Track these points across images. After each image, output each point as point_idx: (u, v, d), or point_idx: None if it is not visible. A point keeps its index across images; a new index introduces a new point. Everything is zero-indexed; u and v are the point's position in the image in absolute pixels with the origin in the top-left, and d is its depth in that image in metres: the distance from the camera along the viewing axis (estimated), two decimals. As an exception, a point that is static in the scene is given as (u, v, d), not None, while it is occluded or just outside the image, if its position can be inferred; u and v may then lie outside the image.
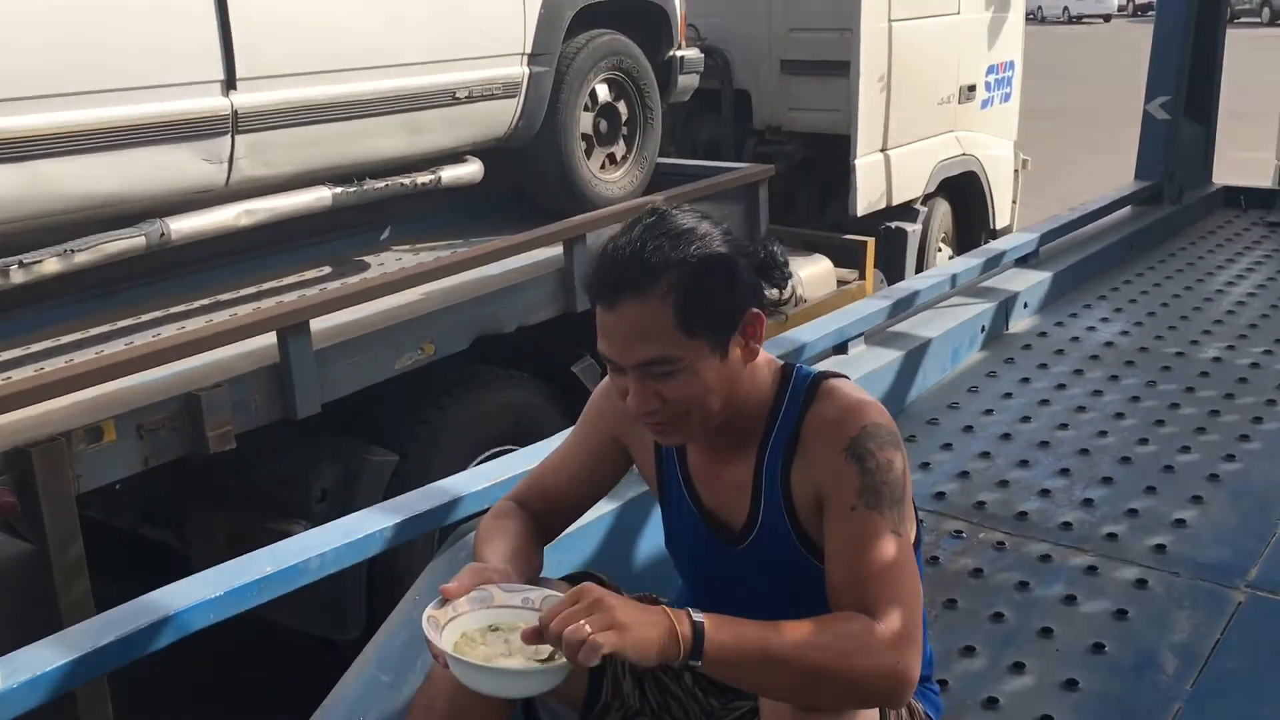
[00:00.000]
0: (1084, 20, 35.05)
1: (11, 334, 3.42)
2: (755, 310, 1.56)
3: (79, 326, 3.52)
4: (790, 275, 1.63)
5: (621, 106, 4.93)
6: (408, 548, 3.26)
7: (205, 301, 3.81)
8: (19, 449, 2.69)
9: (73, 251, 3.18)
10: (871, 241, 6.11)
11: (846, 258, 6.02)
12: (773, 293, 1.60)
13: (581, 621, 1.33)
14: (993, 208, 7.12)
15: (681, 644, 1.37)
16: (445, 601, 1.50)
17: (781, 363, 1.68)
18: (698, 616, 1.39)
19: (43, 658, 1.60)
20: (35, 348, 3.37)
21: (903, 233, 6.34)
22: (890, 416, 1.60)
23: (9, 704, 1.55)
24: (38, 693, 1.57)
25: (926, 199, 6.58)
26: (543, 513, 1.79)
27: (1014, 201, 7.47)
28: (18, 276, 3.07)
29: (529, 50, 4.39)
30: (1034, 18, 41.17)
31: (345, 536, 1.98)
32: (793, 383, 1.64)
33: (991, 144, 7.09)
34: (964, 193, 6.95)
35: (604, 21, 4.73)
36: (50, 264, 3.14)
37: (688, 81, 5.41)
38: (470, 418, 3.86)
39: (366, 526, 2.03)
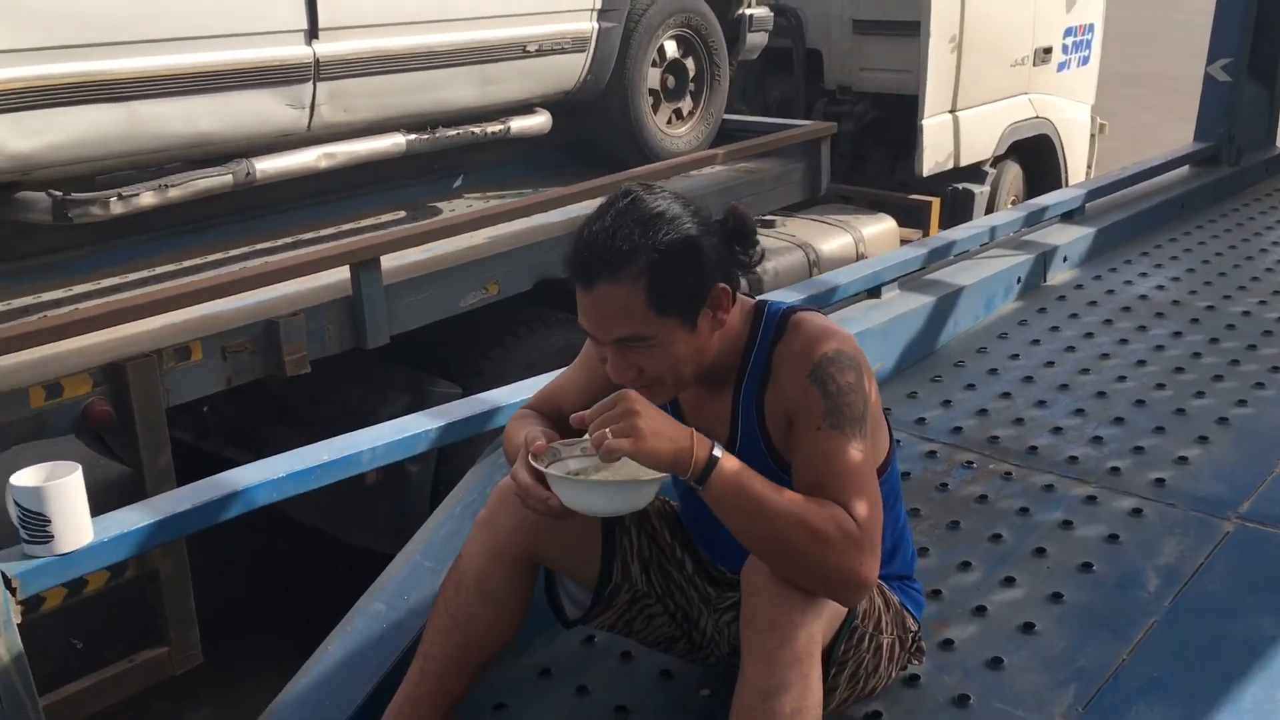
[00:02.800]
0: (1190, -14, 33.93)
1: (112, 263, 3.72)
2: (723, 285, 1.71)
3: (172, 259, 3.80)
4: (758, 241, 1.78)
5: (689, 63, 5.07)
6: (466, 465, 3.51)
7: (288, 240, 4.07)
8: (115, 364, 2.97)
9: (167, 186, 3.46)
10: (936, 201, 6.18)
11: (912, 218, 6.10)
12: (744, 257, 1.75)
13: (605, 429, 1.55)
14: (1066, 172, 7.10)
15: (692, 466, 1.58)
16: (536, 456, 1.70)
17: (755, 301, 1.85)
18: (717, 452, 1.59)
19: (129, 519, 1.86)
20: (132, 276, 3.65)
21: (970, 194, 6.38)
22: (855, 344, 1.77)
23: (101, 555, 1.81)
24: (125, 547, 1.83)
25: (996, 161, 6.60)
26: (556, 421, 1.95)
27: (1089, 166, 7.44)
28: (117, 208, 3.36)
29: (599, 6, 4.56)
30: (1139, -17, 39.98)
31: (395, 434, 2.22)
32: (764, 319, 1.80)
33: (1067, 108, 7.06)
34: (1037, 156, 6.94)
35: (674, -21, 4.88)
36: (146, 197, 3.42)
37: (756, 39, 5.52)
38: (530, 357, 4.06)
39: (414, 426, 2.27)
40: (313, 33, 3.66)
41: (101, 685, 2.93)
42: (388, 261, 3.57)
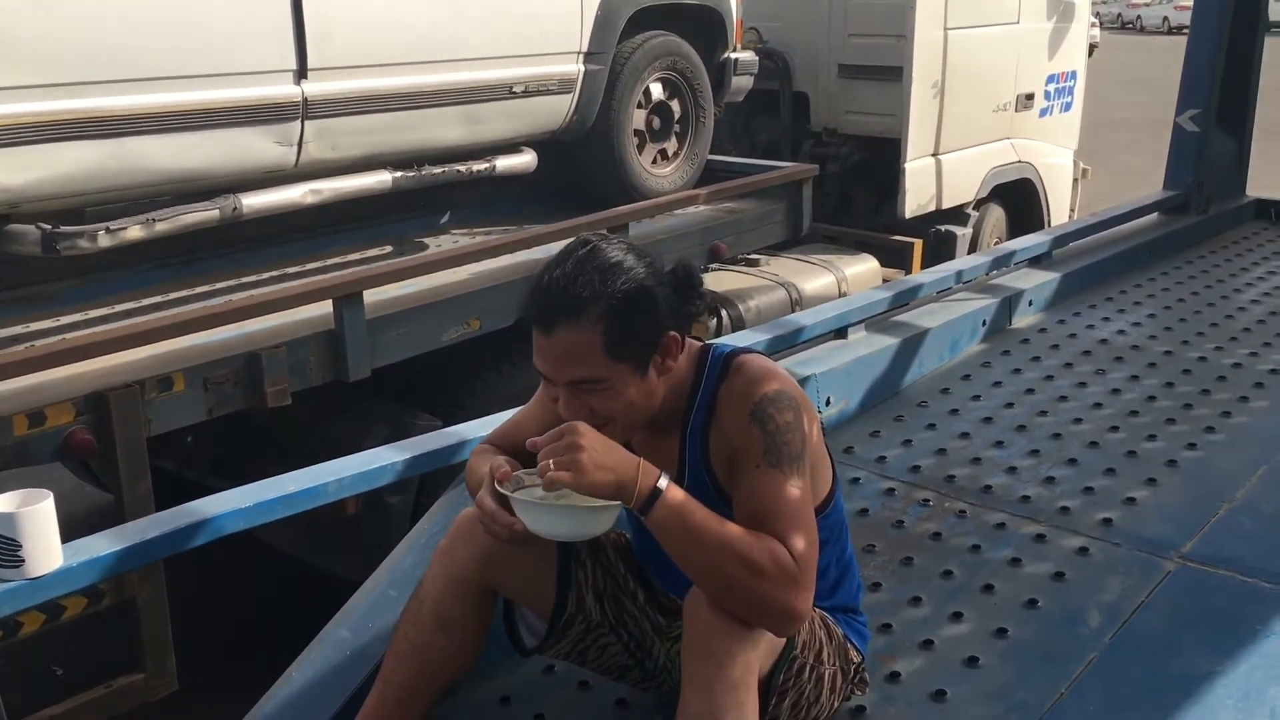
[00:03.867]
0: (1183, 31, 34.35)
1: (99, 295, 3.81)
2: (673, 334, 1.80)
3: (159, 292, 3.89)
4: (705, 294, 1.86)
5: (675, 105, 5.19)
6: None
7: (274, 274, 4.15)
8: (98, 393, 3.05)
9: (154, 220, 3.55)
10: (919, 243, 6.30)
11: (895, 259, 6.22)
12: (689, 306, 1.83)
13: (549, 460, 1.64)
14: (1048, 215, 7.22)
15: (635, 496, 1.67)
16: (501, 482, 1.80)
17: (700, 344, 1.92)
18: (662, 483, 1.68)
19: (98, 545, 1.93)
20: (119, 308, 3.74)
21: (952, 236, 6.50)
22: (796, 386, 1.85)
23: (70, 579, 1.88)
24: (93, 572, 1.90)
25: (979, 204, 6.72)
26: (515, 458, 2.04)
27: (1072, 210, 7.56)
28: (104, 241, 3.45)
29: (585, 49, 4.67)
30: (1133, 28, 40.38)
31: (362, 465, 2.30)
32: (709, 362, 1.88)
33: (1050, 152, 7.19)
34: (1020, 199, 7.07)
35: (660, 23, 5.00)
36: (134, 231, 3.51)
37: (741, 83, 5.64)
38: (514, 392, 4.10)
39: (381, 458, 2.34)
40: (302, 73, 3.77)
41: (77, 710, 2.97)
42: (371, 296, 3.65)
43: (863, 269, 5.89)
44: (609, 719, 2.18)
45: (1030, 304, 3.95)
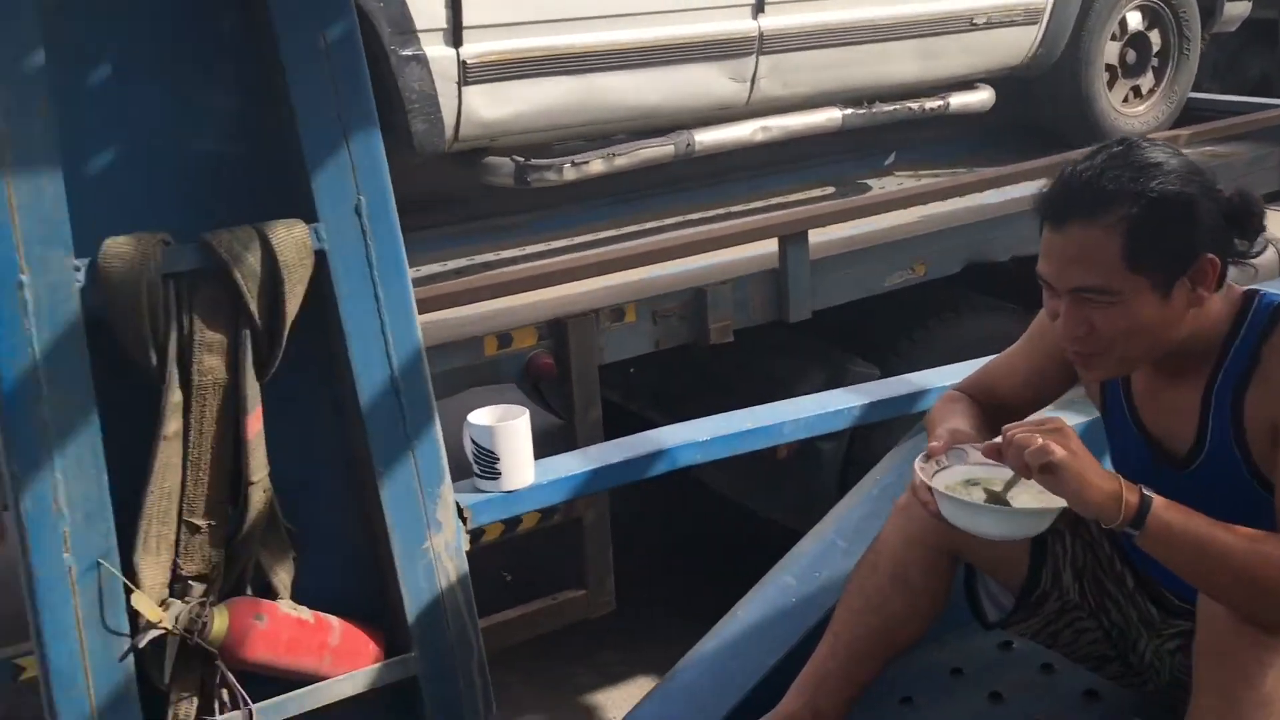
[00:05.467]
0: None
1: (559, 226, 3.99)
2: (1211, 257, 1.52)
3: (612, 225, 4.01)
4: (1265, 228, 1.57)
5: (1154, 36, 4.68)
6: (880, 449, 3.44)
7: (719, 211, 4.17)
8: (558, 319, 3.18)
9: (614, 155, 3.65)
10: None
11: None
12: (1242, 244, 1.56)
13: (1038, 435, 1.45)
14: None
15: (1124, 510, 1.44)
16: (929, 458, 1.66)
17: (1242, 289, 1.62)
18: (1148, 492, 1.45)
19: (566, 465, 1.98)
20: (577, 240, 3.90)
21: None
22: None
23: (539, 496, 1.94)
24: (561, 491, 1.95)
25: None
26: (988, 408, 1.85)
27: None
28: (570, 174, 3.57)
29: (1059, -25, 4.30)
30: None
31: (816, 409, 2.21)
32: (1254, 310, 1.59)
33: None
34: None
35: (1144, -57, 4.52)
36: (596, 164, 3.62)
37: (1236, 10, 5.01)
38: (952, 342, 3.91)
39: (836, 403, 2.24)
40: (759, 7, 3.72)
41: (526, 619, 3.15)
42: (814, 236, 3.56)
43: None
44: (1075, 710, 1.96)
45: None
